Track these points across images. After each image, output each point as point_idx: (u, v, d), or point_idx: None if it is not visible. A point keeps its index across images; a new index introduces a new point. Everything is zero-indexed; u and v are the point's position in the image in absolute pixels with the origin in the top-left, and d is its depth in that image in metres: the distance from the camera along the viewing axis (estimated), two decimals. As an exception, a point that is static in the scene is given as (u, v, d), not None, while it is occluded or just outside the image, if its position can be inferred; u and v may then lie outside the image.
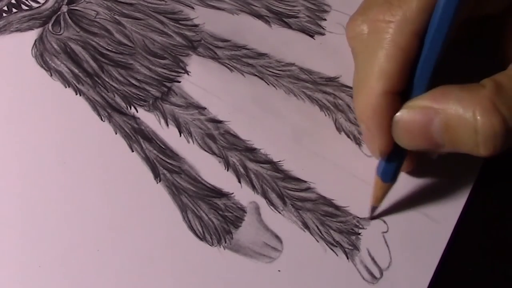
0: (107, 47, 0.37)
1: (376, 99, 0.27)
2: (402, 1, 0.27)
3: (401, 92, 0.28)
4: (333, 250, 0.31)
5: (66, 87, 0.35)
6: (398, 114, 0.27)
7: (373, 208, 0.31)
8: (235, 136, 0.34)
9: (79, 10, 0.38)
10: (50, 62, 0.36)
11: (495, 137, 0.25)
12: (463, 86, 0.26)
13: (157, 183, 0.33)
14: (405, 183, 0.31)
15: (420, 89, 0.27)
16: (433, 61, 0.27)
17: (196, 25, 0.38)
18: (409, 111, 0.27)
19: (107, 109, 0.35)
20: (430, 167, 0.33)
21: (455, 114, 0.25)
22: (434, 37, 0.26)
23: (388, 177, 0.30)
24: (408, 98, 0.27)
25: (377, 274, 0.31)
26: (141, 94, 0.36)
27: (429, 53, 0.27)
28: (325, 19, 0.38)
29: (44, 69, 0.36)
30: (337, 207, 0.32)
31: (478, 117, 0.24)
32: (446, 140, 0.26)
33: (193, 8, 0.39)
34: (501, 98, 0.25)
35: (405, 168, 0.32)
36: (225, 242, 0.31)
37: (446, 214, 0.32)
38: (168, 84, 0.36)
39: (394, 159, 0.29)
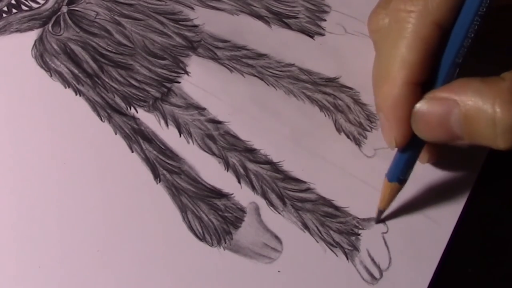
0: (107, 48, 0.37)
1: (397, 89, 0.27)
2: None
3: (423, 83, 0.28)
4: (332, 251, 0.31)
5: (66, 88, 0.35)
6: (417, 105, 0.27)
7: (380, 212, 0.31)
8: (235, 136, 0.34)
9: (79, 11, 0.38)
10: (50, 62, 0.36)
11: None
12: (483, 79, 0.26)
13: (157, 183, 0.33)
14: (405, 184, 0.31)
15: (443, 81, 0.27)
16: (458, 53, 0.27)
17: (196, 26, 0.38)
18: (428, 102, 0.27)
19: (107, 110, 0.35)
20: (430, 168, 0.33)
21: (474, 106, 0.25)
22: (461, 27, 0.26)
23: (398, 176, 0.30)
24: (430, 89, 0.27)
25: (376, 275, 0.31)
26: (141, 94, 0.36)
27: (454, 44, 0.27)
28: (325, 20, 0.38)
29: (44, 69, 0.36)
30: (336, 208, 0.32)
31: (497, 109, 0.24)
32: (465, 132, 0.26)
33: (193, 8, 0.39)
34: None
35: (427, 160, 0.32)
36: (225, 243, 0.31)
37: (446, 214, 0.32)
38: (168, 85, 0.36)
39: (407, 154, 0.29)
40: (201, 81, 0.36)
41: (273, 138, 0.34)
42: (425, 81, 0.28)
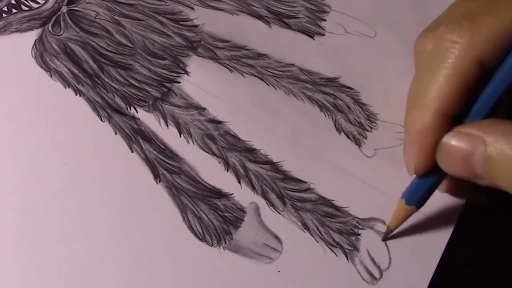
0: (107, 48, 0.37)
1: (428, 117, 0.27)
2: (474, 25, 0.27)
3: (455, 115, 0.27)
4: (333, 251, 0.31)
5: (66, 88, 0.35)
6: (445, 137, 0.27)
7: (389, 231, 0.31)
8: (235, 136, 0.34)
9: (79, 11, 0.38)
10: (50, 62, 0.36)
11: None
12: None
13: (157, 183, 0.33)
14: (405, 184, 0.31)
15: (476, 117, 0.27)
16: (499, 95, 0.27)
17: (196, 26, 0.38)
18: (455, 136, 0.27)
19: (107, 110, 0.35)
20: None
21: (499, 149, 0.25)
22: (508, 73, 0.26)
23: (414, 200, 0.29)
24: (461, 123, 0.27)
25: (376, 275, 0.31)
26: (141, 94, 0.36)
27: (497, 86, 0.27)
28: (325, 20, 0.38)
29: (44, 69, 0.36)
30: (336, 208, 0.32)
31: None
32: (486, 172, 0.26)
33: (193, 8, 0.39)
34: None
35: (444, 190, 0.32)
36: (225, 243, 0.31)
37: (446, 214, 0.32)
38: (168, 85, 0.36)
39: (426, 181, 0.29)
40: (201, 81, 0.36)
41: (273, 138, 0.34)
42: (457, 114, 0.27)
